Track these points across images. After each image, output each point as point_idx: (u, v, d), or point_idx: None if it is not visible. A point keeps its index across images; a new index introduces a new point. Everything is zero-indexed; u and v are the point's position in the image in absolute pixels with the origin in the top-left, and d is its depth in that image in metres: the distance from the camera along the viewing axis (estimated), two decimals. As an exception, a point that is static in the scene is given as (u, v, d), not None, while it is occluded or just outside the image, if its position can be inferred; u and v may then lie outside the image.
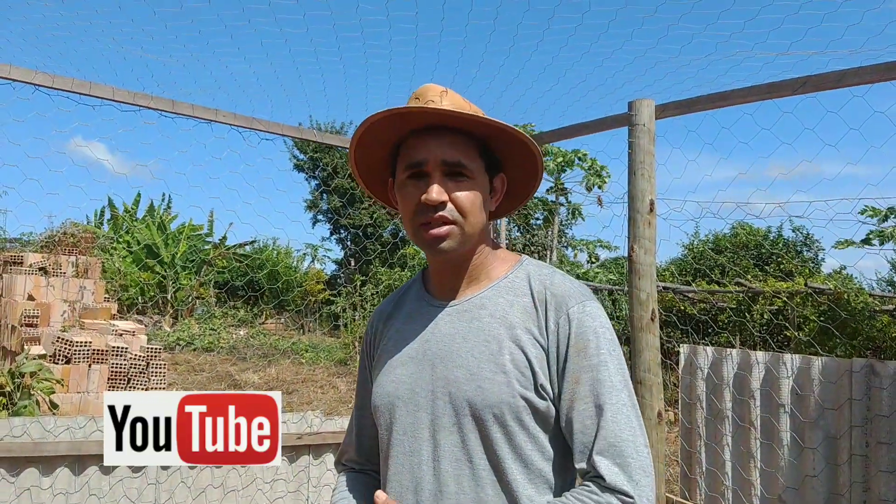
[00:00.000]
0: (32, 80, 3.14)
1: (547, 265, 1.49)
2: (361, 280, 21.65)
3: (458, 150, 1.38)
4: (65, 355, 8.67)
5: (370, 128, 1.40)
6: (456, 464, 1.33)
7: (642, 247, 2.99)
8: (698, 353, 3.19)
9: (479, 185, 1.41)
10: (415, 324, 1.49)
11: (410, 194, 1.39)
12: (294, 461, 3.80)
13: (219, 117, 3.57)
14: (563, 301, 1.35)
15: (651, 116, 3.09)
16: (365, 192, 1.60)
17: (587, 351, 1.31)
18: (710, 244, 18.37)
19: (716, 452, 3.08)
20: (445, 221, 1.36)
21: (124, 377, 9.11)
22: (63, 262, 11.52)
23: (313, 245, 29.03)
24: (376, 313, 1.64)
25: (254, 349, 17.24)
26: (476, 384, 1.33)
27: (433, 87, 1.41)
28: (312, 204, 28.70)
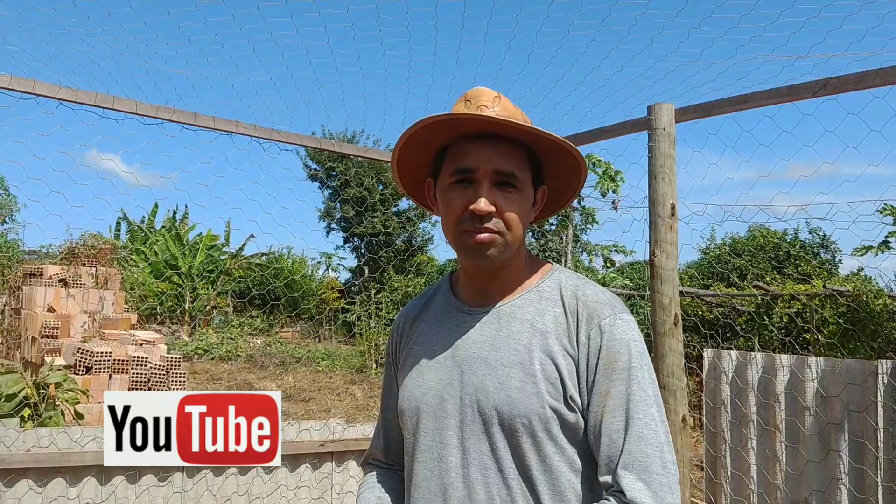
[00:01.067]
0: (56, 95, 3.18)
1: (579, 275, 1.48)
2: (376, 288, 21.69)
3: (510, 160, 1.37)
4: (85, 366, 8.75)
5: (423, 130, 1.39)
6: (485, 471, 1.33)
7: (664, 251, 2.99)
8: (722, 357, 3.18)
9: (526, 196, 1.40)
10: (443, 329, 1.48)
11: (455, 200, 1.37)
12: (317, 468, 3.82)
13: (239, 129, 3.61)
14: (595, 313, 1.35)
15: (671, 120, 3.09)
16: (400, 190, 1.60)
17: (618, 364, 1.31)
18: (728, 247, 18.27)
19: (741, 456, 3.07)
20: (490, 231, 1.34)
21: (145, 386, 9.17)
22: (83, 274, 11.62)
23: (328, 254, 29.13)
24: (402, 315, 1.64)
25: (271, 358, 17.30)
26: (505, 393, 1.32)
27: (486, 90, 1.40)
28: (326, 213, 28.78)
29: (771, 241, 18.04)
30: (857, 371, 2.77)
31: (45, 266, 11.72)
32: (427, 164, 1.50)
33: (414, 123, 1.38)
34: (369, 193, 26.43)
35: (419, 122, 1.37)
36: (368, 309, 20.88)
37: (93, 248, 12.53)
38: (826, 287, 10.23)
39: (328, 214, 28.68)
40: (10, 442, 3.22)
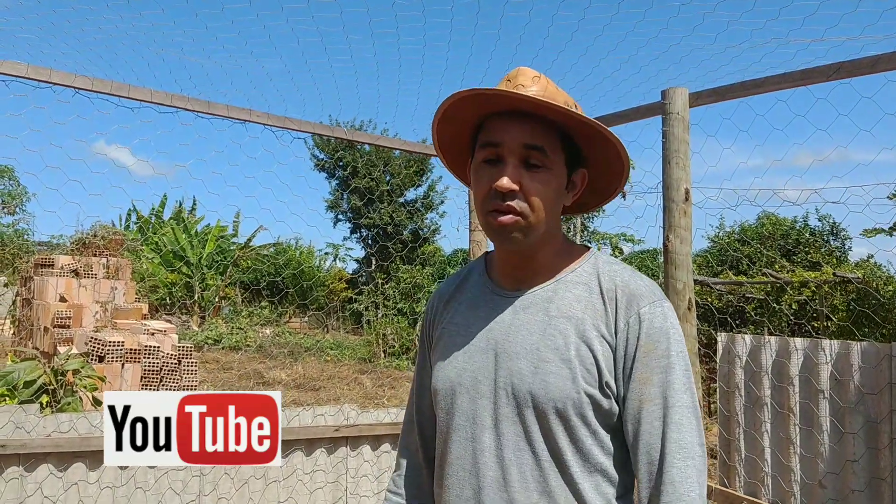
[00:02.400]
0: (73, 84, 3.20)
1: (617, 260, 1.46)
2: (383, 278, 21.74)
3: (539, 137, 1.34)
4: (98, 355, 8.81)
5: (454, 104, 1.38)
6: (518, 453, 1.34)
7: (678, 236, 3.00)
8: (736, 341, 3.19)
9: (556, 176, 1.37)
10: (478, 311, 1.48)
11: (483, 179, 1.37)
12: (332, 452, 3.85)
13: (252, 117, 3.62)
14: (635, 300, 1.34)
15: (685, 104, 3.09)
16: (448, 168, 1.59)
17: (657, 352, 1.30)
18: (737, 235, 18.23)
19: (755, 440, 3.09)
20: (513, 211, 1.33)
21: (157, 375, 9.24)
22: (94, 264, 11.69)
23: (335, 244, 29.20)
24: (435, 296, 1.64)
25: (280, 347, 17.39)
26: (540, 377, 1.32)
27: (527, 70, 1.39)
28: (333, 203, 28.83)
29: (780, 229, 17.99)
30: (872, 354, 2.78)
31: (57, 256, 11.78)
32: (466, 143, 1.50)
33: (445, 99, 1.37)
34: (376, 184, 26.45)
35: (449, 98, 1.37)
36: (376, 299, 20.94)
37: (104, 239, 12.59)
38: (836, 274, 10.21)
39: (335, 205, 28.72)
40: (30, 427, 3.26)
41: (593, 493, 1.32)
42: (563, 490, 1.32)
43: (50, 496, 3.27)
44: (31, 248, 13.17)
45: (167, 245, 22.71)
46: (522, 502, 1.32)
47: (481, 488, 1.36)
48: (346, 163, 26.70)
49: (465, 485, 1.39)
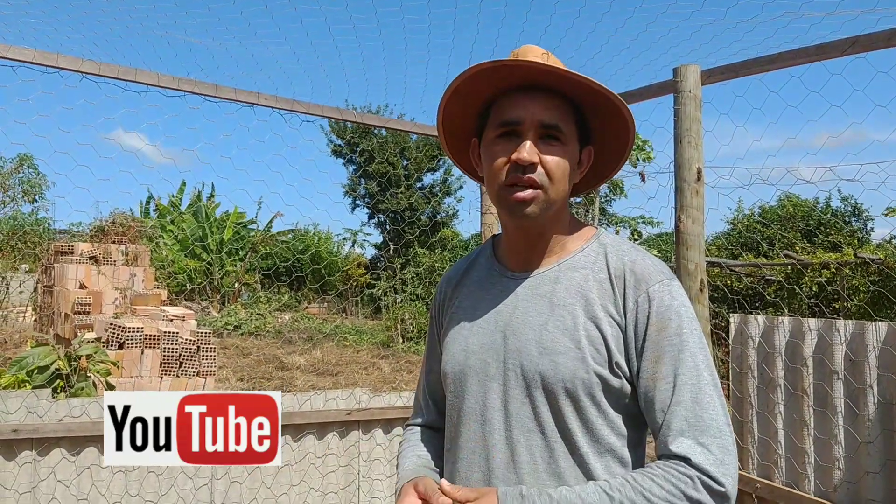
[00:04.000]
0: (80, 68, 3.20)
1: (625, 241, 1.45)
2: (401, 263, 21.79)
3: (556, 112, 1.34)
4: (117, 341, 8.91)
5: (471, 77, 1.36)
6: (528, 434, 1.33)
7: (690, 216, 2.96)
8: (749, 322, 3.15)
9: (570, 152, 1.37)
10: (486, 293, 1.48)
11: (499, 153, 1.35)
12: (344, 436, 3.86)
13: (261, 100, 3.60)
14: (643, 279, 1.33)
15: (697, 82, 3.04)
16: (445, 151, 1.58)
17: (668, 331, 1.29)
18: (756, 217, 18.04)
19: (768, 421, 3.05)
20: (532, 185, 1.32)
21: (176, 361, 9.33)
22: (112, 251, 11.81)
23: (353, 230, 29.28)
24: (444, 280, 1.64)
25: (299, 333, 17.50)
26: (549, 358, 1.32)
27: (534, 47, 1.38)
28: (350, 189, 28.88)
29: (801, 210, 17.78)
30: (887, 334, 2.73)
31: (76, 243, 11.92)
32: (471, 124, 1.48)
33: (458, 75, 1.36)
34: (392, 167, 26.44)
35: (466, 72, 1.34)
36: (394, 284, 21.00)
37: (122, 226, 12.71)
38: (857, 256, 10.07)
39: (352, 190, 28.77)
40: (42, 412, 3.29)
41: (604, 474, 1.30)
42: (572, 471, 1.31)
43: (63, 480, 3.30)
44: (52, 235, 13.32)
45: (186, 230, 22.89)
46: (532, 483, 1.31)
47: (491, 470, 1.36)
48: (363, 148, 26.72)
49: (474, 467, 1.39)
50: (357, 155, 27.67)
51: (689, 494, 1.18)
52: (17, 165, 13.54)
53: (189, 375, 9.41)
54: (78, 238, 13.18)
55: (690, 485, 1.19)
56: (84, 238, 12.88)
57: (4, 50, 3.00)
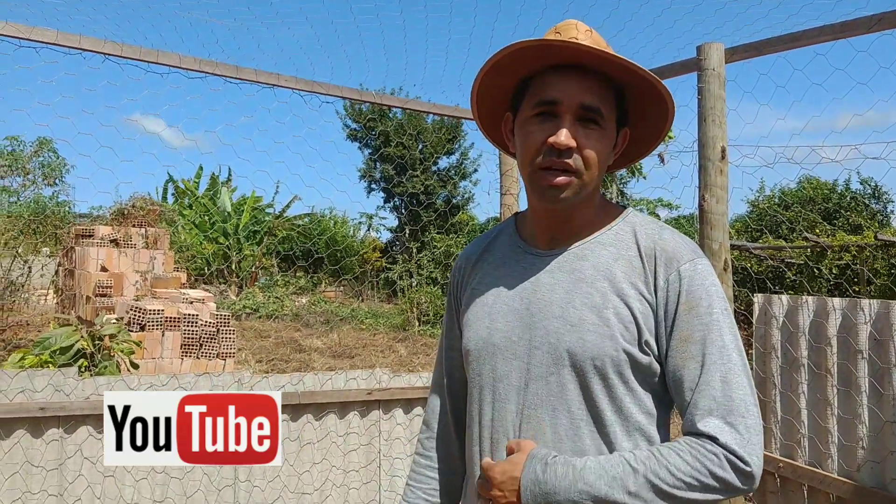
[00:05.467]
0: (102, 50, 3.20)
1: (654, 219, 1.43)
2: (417, 247, 21.81)
3: (597, 95, 1.31)
4: (139, 323, 9.00)
5: (512, 54, 1.33)
6: (553, 413, 1.32)
7: (714, 195, 2.94)
8: (773, 302, 3.13)
9: (608, 136, 1.34)
10: (509, 270, 1.46)
11: (534, 133, 1.32)
12: (365, 416, 3.89)
13: (281, 81, 3.60)
14: (674, 258, 1.31)
15: (721, 60, 3.00)
16: (477, 124, 1.55)
17: (699, 309, 1.27)
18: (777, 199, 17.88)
19: (791, 401, 3.04)
20: (567, 169, 1.30)
21: (196, 343, 9.41)
22: (133, 234, 11.90)
23: (368, 213, 29.31)
24: (463, 256, 1.62)
25: (316, 316, 17.60)
26: (578, 335, 1.30)
27: (578, 23, 1.35)
28: (366, 172, 28.89)
29: (821, 192, 17.61)
30: (914, 314, 2.70)
31: (97, 227, 12.01)
32: (506, 97, 1.45)
33: (502, 49, 1.32)
34: (408, 151, 26.40)
35: (509, 47, 1.31)
36: (409, 268, 21.04)
37: (142, 209, 12.80)
38: (878, 237, 9.96)
39: (368, 174, 28.78)
40: (69, 390, 3.33)
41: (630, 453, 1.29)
42: (597, 449, 1.30)
43: (89, 457, 3.34)
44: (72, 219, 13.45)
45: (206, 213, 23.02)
46: None
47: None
48: (379, 131, 26.68)
49: (498, 446, 1.38)
50: (373, 138, 27.65)
51: (715, 472, 1.18)
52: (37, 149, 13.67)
53: (209, 357, 9.50)
54: (99, 221, 13.28)
55: (716, 462, 1.18)
56: (105, 221, 12.98)
57: (27, 31, 3.02)
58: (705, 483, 1.18)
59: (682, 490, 1.18)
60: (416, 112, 26.39)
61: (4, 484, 3.19)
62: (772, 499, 3.11)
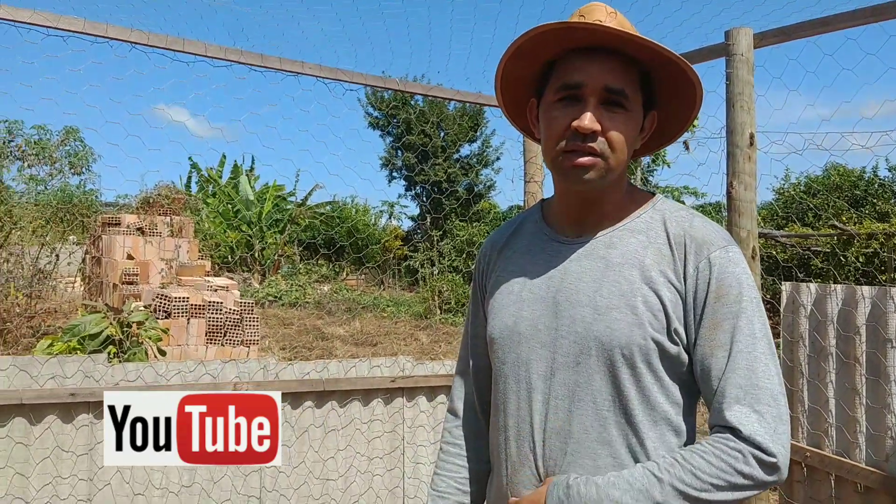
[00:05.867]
0: (129, 38, 3.22)
1: (685, 207, 1.41)
2: (438, 235, 21.81)
3: (621, 77, 1.29)
4: (164, 310, 9.10)
5: (534, 38, 1.32)
6: (578, 403, 1.31)
7: (742, 182, 2.91)
8: (801, 290, 3.10)
9: (634, 119, 1.33)
10: (535, 258, 1.45)
11: (558, 118, 1.31)
12: (389, 403, 3.91)
13: (305, 69, 3.61)
14: (705, 245, 1.29)
15: (749, 45, 2.97)
16: (502, 109, 1.54)
17: (728, 298, 1.25)
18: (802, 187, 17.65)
19: (819, 390, 3.01)
20: (592, 153, 1.28)
21: (220, 330, 9.50)
22: (158, 223, 12.03)
23: (390, 202, 29.34)
24: (488, 243, 1.61)
25: (338, 304, 17.68)
26: (605, 324, 1.29)
27: (601, 5, 1.34)
28: (387, 161, 28.91)
29: (848, 180, 17.35)
30: (946, 303, 2.67)
31: (123, 215, 12.15)
32: (530, 83, 1.44)
33: (523, 33, 1.31)
34: (430, 139, 26.38)
35: (531, 31, 1.30)
36: (431, 256, 21.06)
37: (167, 198, 12.92)
38: (907, 226, 9.81)
39: (390, 162, 28.80)
40: (99, 376, 3.38)
41: (657, 442, 1.29)
42: (623, 439, 1.29)
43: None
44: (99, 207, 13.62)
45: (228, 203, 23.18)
46: (581, 452, 1.30)
47: (544, 441, 1.34)
48: (400, 118, 26.67)
49: (523, 437, 1.38)
50: (395, 127, 27.64)
51: (740, 469, 1.17)
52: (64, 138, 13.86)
53: (233, 344, 9.58)
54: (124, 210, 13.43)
55: (741, 459, 1.17)
56: (130, 210, 13.12)
57: (55, 20, 3.04)
58: (733, 482, 1.17)
59: (710, 492, 1.17)
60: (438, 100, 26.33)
61: (36, 468, 3.25)
62: (798, 488, 3.10)
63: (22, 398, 3.17)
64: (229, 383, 3.46)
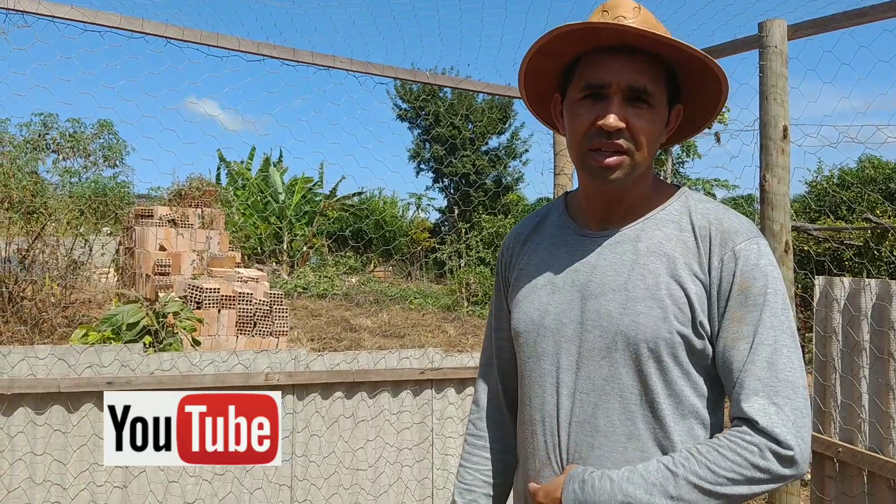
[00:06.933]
0: (164, 34, 3.27)
1: (710, 199, 1.41)
2: (465, 228, 21.81)
3: (644, 75, 1.29)
4: (196, 301, 9.23)
5: (557, 38, 1.32)
6: (605, 396, 1.31)
7: (775, 175, 2.88)
8: (834, 284, 3.06)
9: (659, 114, 1.33)
10: (559, 251, 1.45)
11: (583, 115, 1.31)
12: (418, 395, 3.94)
13: (336, 63, 3.64)
14: (730, 237, 1.29)
15: (783, 37, 2.93)
16: (526, 105, 1.54)
17: (753, 290, 1.25)
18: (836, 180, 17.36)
19: (851, 385, 2.98)
20: (618, 150, 1.29)
21: (250, 321, 9.61)
22: (190, 215, 12.18)
23: (418, 195, 29.40)
24: (511, 236, 1.61)
25: (365, 296, 17.78)
26: (631, 318, 1.29)
27: (625, 0, 1.33)
28: (415, 153, 28.95)
29: (882, 172, 17.01)
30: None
31: (156, 207, 12.33)
32: (555, 78, 1.44)
33: (547, 32, 1.31)
34: (458, 131, 26.37)
35: (553, 31, 1.30)
36: (458, 248, 21.07)
37: (198, 190, 13.08)
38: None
39: (418, 154, 28.84)
40: (135, 365, 3.45)
41: (685, 435, 1.29)
42: (651, 433, 1.29)
43: (156, 429, 3.46)
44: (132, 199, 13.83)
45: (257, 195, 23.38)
46: (608, 447, 1.30)
47: (569, 434, 1.35)
48: (428, 111, 26.67)
49: (549, 429, 1.38)
50: (423, 119, 27.66)
51: (757, 463, 1.17)
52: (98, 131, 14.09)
53: (263, 335, 9.69)
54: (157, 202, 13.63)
55: (757, 453, 1.17)
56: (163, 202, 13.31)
57: (92, 15, 3.10)
58: (749, 476, 1.17)
59: (725, 486, 1.17)
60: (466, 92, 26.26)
61: (73, 455, 3.32)
62: (830, 484, 3.07)
63: (60, 386, 3.24)
64: (261, 373, 3.52)
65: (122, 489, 3.37)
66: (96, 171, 13.94)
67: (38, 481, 3.27)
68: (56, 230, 11.30)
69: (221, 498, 3.48)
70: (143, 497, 3.37)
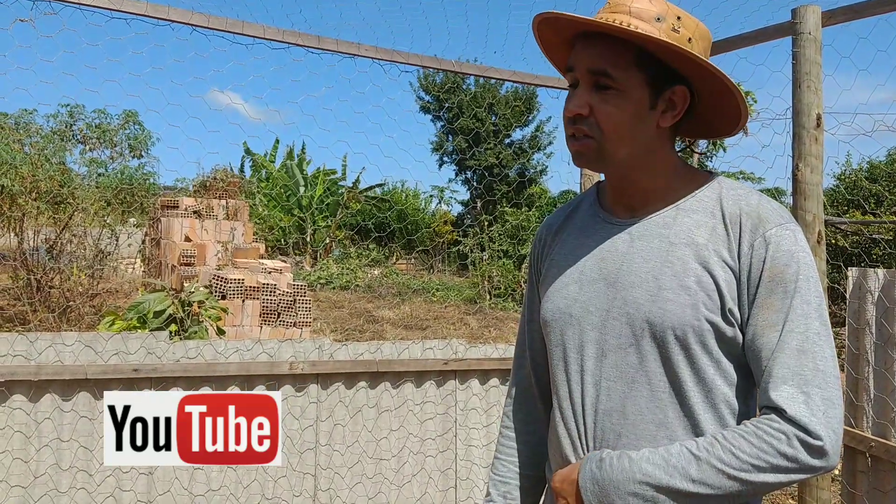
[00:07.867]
0: (190, 21, 3.27)
1: (741, 184, 1.37)
2: (488, 220, 21.77)
3: (605, 58, 1.28)
4: (220, 291, 9.29)
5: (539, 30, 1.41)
6: (633, 385, 1.30)
7: (808, 165, 2.82)
8: (868, 276, 3.00)
9: (630, 98, 1.29)
10: (588, 240, 1.44)
11: (566, 104, 1.36)
12: (441, 385, 3.93)
13: (361, 51, 3.62)
14: (761, 222, 1.25)
15: (817, 24, 2.87)
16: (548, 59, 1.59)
17: (784, 276, 1.22)
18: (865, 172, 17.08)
19: (885, 379, 2.92)
20: (584, 135, 1.32)
21: (274, 312, 9.66)
22: (214, 206, 12.27)
23: (440, 187, 29.41)
24: (544, 226, 1.61)
25: (387, 288, 17.82)
26: (658, 305, 1.27)
27: None
28: (438, 145, 28.93)
29: (913, 166, 16.73)
30: None
31: (181, 198, 12.43)
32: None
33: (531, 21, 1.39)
34: (481, 124, 26.30)
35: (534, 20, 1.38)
36: (481, 241, 21.04)
37: (223, 181, 13.17)
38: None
39: (440, 146, 28.82)
40: (161, 353, 3.47)
41: (716, 424, 1.26)
42: (680, 421, 1.27)
43: (181, 416, 3.48)
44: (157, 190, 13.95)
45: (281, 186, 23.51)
46: (637, 435, 1.29)
47: (595, 423, 1.34)
48: (452, 101, 26.64)
49: (576, 418, 1.37)
50: (446, 111, 27.64)
51: (783, 451, 1.13)
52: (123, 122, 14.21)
53: (286, 326, 9.74)
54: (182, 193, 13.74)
55: (784, 441, 1.13)
56: (188, 193, 13.42)
57: (118, 2, 3.10)
58: (774, 464, 1.14)
59: (749, 472, 1.14)
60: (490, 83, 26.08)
61: (100, 442, 3.35)
62: (862, 478, 3.01)
63: (87, 373, 3.26)
64: (285, 362, 3.52)
65: (147, 475, 3.39)
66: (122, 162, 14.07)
67: (65, 467, 3.30)
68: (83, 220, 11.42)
69: (246, 485, 3.49)
70: (169, 483, 3.39)
